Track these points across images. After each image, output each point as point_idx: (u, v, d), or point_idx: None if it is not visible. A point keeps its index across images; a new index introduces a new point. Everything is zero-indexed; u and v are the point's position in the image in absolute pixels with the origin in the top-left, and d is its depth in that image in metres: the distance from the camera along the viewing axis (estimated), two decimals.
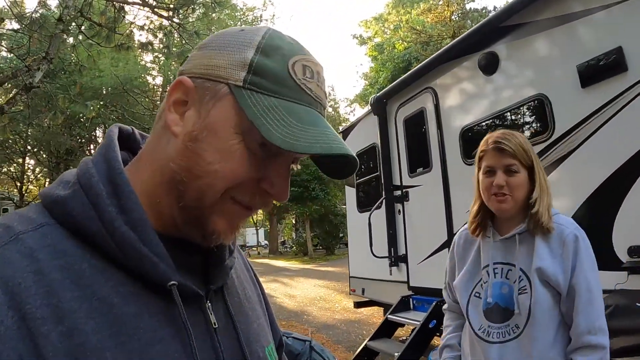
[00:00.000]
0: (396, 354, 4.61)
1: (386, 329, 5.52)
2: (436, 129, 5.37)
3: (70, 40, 8.08)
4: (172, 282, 0.67)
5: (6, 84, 7.39)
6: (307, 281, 16.75)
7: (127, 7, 7.62)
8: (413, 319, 5.04)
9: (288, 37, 0.74)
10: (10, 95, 5.81)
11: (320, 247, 35.30)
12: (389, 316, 5.49)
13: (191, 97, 0.70)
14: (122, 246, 0.65)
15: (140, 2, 7.61)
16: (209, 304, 0.75)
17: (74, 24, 7.11)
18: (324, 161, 0.76)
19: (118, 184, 0.68)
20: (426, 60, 5.53)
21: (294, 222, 42.35)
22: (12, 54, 11.03)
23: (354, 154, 0.70)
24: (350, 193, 7.98)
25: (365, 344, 5.41)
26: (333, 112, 39.61)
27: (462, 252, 2.07)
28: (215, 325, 0.74)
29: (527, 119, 4.11)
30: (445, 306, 2.22)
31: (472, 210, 1.99)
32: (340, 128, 10.23)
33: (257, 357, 0.81)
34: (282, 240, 43.48)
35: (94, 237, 0.65)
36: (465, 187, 4.73)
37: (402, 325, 5.42)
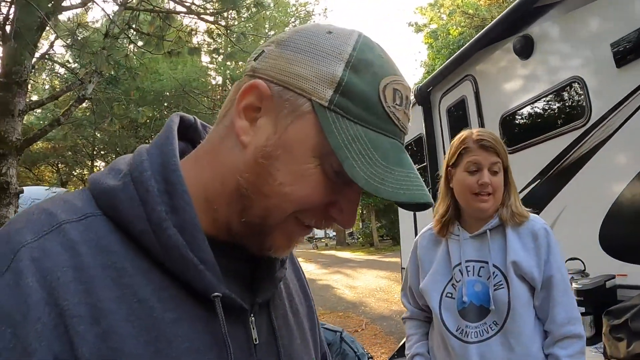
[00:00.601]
0: None
1: None
2: (477, 117, 5.23)
3: (126, 48, 8.41)
4: (216, 294, 0.63)
5: (61, 97, 7.82)
6: (369, 272, 16.74)
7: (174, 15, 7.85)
8: None
9: (378, 47, 0.68)
10: (66, 107, 6.12)
11: (387, 238, 35.12)
12: None
13: (265, 105, 0.64)
14: (168, 249, 0.61)
15: (186, 11, 7.82)
16: (253, 318, 0.70)
17: (122, 36, 7.40)
18: None
19: (172, 182, 0.64)
20: (464, 47, 5.38)
21: (360, 213, 42.42)
22: (65, 70, 11.63)
23: (432, 201, 0.65)
24: None
25: None
26: None
27: (426, 253, 2.02)
28: (256, 341, 0.70)
29: (564, 103, 3.93)
30: (405, 314, 2.16)
31: (440, 211, 1.94)
32: None
33: None
34: (350, 231, 43.57)
35: (140, 236, 0.62)
36: None
37: None
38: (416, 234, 5.87)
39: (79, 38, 5.84)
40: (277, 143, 0.63)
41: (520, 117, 4.48)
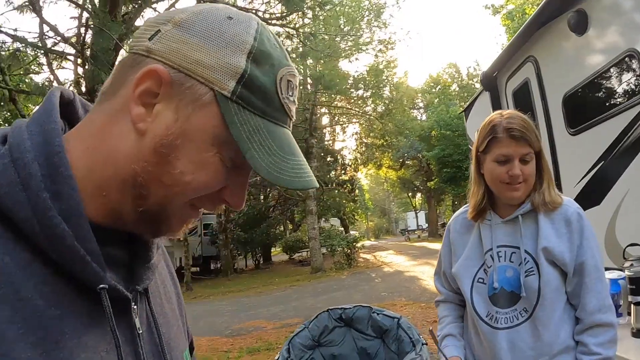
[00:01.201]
0: None
1: None
2: (540, 100, 5.03)
3: None
4: (103, 286, 0.60)
5: None
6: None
7: None
8: None
9: (273, 37, 0.69)
10: None
11: None
12: None
13: (164, 92, 0.62)
14: (53, 240, 0.57)
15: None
16: (135, 307, 0.68)
17: None
18: None
19: (56, 165, 0.59)
20: (522, 27, 5.19)
21: (452, 203, 41.49)
22: None
23: (318, 184, 0.71)
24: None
25: None
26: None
27: (459, 237, 2.01)
28: (139, 330, 0.68)
29: (622, 78, 3.70)
30: (439, 297, 2.16)
31: (475, 197, 1.90)
32: (463, 107, 9.90)
33: None
34: (442, 222, 42.75)
35: (22, 225, 0.57)
36: (571, 159, 4.41)
37: None
38: None
39: None
40: (178, 132, 0.62)
41: (580, 97, 4.27)
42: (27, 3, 6.92)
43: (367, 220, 66.81)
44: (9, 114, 12.73)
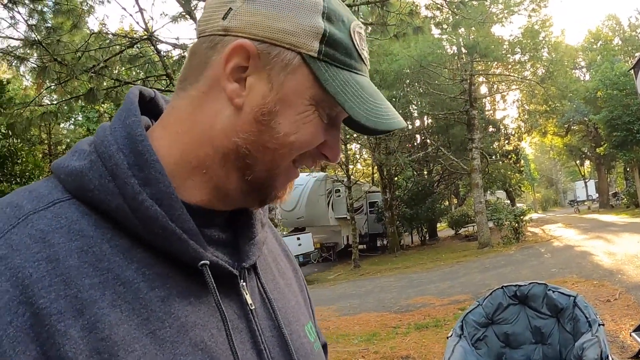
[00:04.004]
0: None
1: None
2: None
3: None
4: (204, 262, 0.63)
5: None
6: (632, 237, 14.87)
7: None
8: None
9: None
10: None
11: None
12: None
13: (253, 64, 0.64)
14: (147, 223, 0.60)
15: None
16: (243, 284, 0.71)
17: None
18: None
19: (141, 153, 0.62)
20: None
21: (624, 170, 37.47)
22: None
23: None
24: None
25: None
26: None
27: None
28: (251, 306, 0.70)
29: None
30: None
31: None
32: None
33: (298, 336, 0.78)
34: (614, 192, 38.84)
35: (115, 214, 0.60)
36: None
37: None
38: None
39: None
40: (275, 99, 0.65)
41: None
42: (183, 13, 7.65)
43: (533, 192, 63.10)
44: None
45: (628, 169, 33.47)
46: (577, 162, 48.38)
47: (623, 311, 6.53)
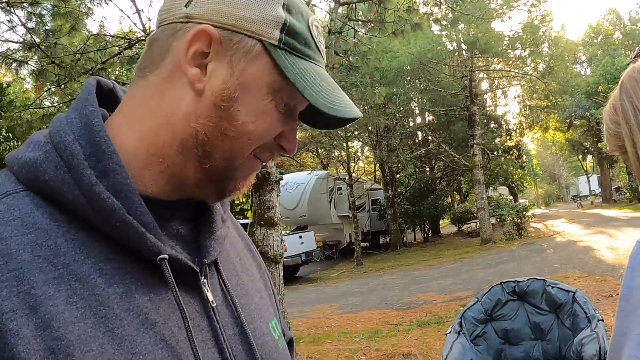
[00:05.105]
0: None
1: None
2: None
3: (351, 39, 9.16)
4: (162, 256, 0.61)
5: None
6: (635, 231, 14.79)
7: None
8: None
9: None
10: None
11: None
12: None
13: (215, 50, 0.65)
14: (104, 216, 0.58)
15: None
16: (204, 280, 0.69)
17: (346, 28, 8.09)
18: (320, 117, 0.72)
19: (98, 143, 0.61)
20: None
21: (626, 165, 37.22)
22: None
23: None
24: None
25: None
26: None
27: None
28: (213, 303, 0.69)
29: None
30: None
31: None
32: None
33: (261, 334, 0.77)
34: (617, 186, 38.77)
35: (71, 206, 0.58)
36: None
37: None
38: None
39: None
40: (235, 85, 0.65)
41: None
42: None
43: (536, 187, 63.03)
44: None
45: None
46: (580, 157, 48.33)
47: None
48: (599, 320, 3.39)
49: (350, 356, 6.35)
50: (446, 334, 3.94)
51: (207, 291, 0.69)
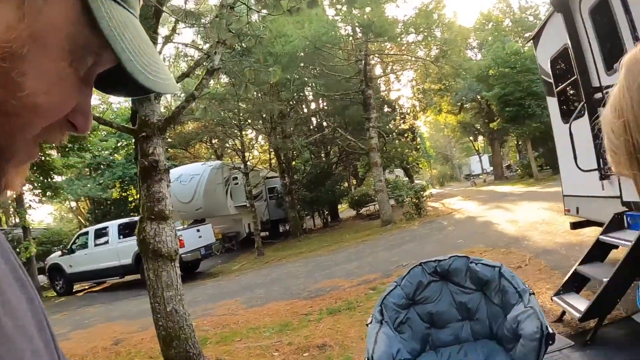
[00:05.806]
0: (605, 279, 4.06)
1: (599, 252, 4.90)
2: (624, 15, 4.48)
3: (245, 16, 8.66)
4: None
5: (192, 73, 8.27)
6: (530, 205, 15.85)
7: None
8: (626, 240, 4.37)
9: None
10: (198, 82, 6.42)
11: (546, 167, 32.90)
12: (600, 237, 4.86)
13: None
14: None
15: None
16: None
17: (238, 4, 7.59)
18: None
19: None
20: None
21: (516, 143, 40.37)
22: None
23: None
24: (552, 104, 7.18)
25: (575, 269, 4.89)
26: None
27: None
28: None
29: None
30: None
31: None
32: (529, 34, 9.21)
33: None
34: (507, 164, 41.74)
35: None
36: None
37: (616, 247, 4.75)
38: (576, 159, 5.32)
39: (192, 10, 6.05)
40: (25, 34, 0.44)
41: None
42: None
43: (430, 169, 66.22)
44: None
45: (520, 142, 35.80)
46: (471, 138, 51.21)
47: (536, 275, 6.69)
48: (530, 294, 3.22)
49: (262, 354, 5.91)
50: (367, 324, 3.59)
51: None
